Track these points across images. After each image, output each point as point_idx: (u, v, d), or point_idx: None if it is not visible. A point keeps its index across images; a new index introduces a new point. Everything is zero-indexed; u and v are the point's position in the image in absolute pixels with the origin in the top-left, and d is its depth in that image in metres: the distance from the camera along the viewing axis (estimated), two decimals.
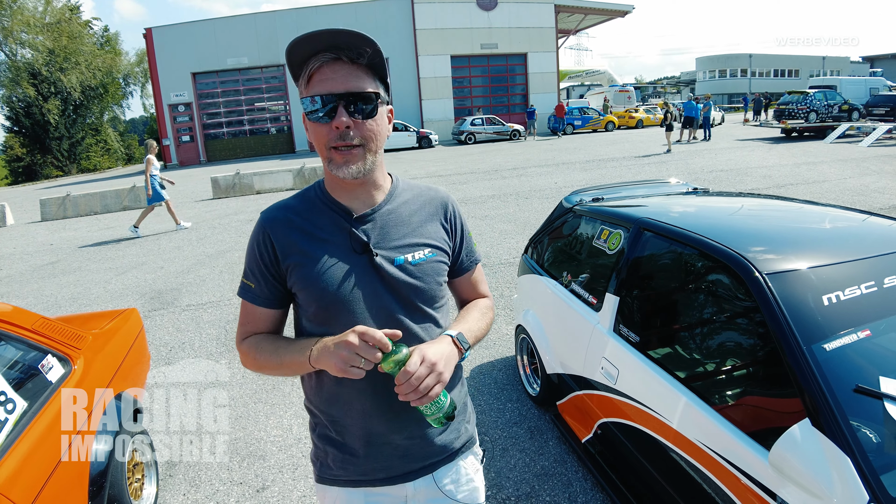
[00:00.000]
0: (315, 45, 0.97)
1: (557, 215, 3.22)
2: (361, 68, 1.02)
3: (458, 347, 1.09)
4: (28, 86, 31.84)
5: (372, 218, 1.11)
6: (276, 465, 2.82)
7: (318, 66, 1.00)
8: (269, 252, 1.10)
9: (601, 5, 31.58)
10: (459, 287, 1.29)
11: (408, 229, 1.13)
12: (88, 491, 1.94)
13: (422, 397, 0.97)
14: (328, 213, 1.11)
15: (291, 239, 1.09)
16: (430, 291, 1.14)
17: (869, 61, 51.56)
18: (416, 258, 1.11)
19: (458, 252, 1.24)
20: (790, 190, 9.12)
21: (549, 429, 2.96)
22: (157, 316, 5.24)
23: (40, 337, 2.11)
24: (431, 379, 0.98)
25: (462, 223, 1.24)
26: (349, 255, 1.08)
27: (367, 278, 1.08)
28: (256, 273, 1.12)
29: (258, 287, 1.12)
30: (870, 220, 2.08)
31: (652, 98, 51.84)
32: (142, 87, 41.39)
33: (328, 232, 1.09)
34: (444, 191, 1.25)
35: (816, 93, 20.09)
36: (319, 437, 1.19)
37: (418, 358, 0.98)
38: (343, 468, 1.15)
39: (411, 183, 1.22)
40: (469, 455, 1.25)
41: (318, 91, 0.99)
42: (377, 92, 1.03)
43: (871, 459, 1.25)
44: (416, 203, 1.18)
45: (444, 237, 1.19)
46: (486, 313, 1.26)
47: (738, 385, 1.78)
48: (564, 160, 15.55)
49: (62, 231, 11.08)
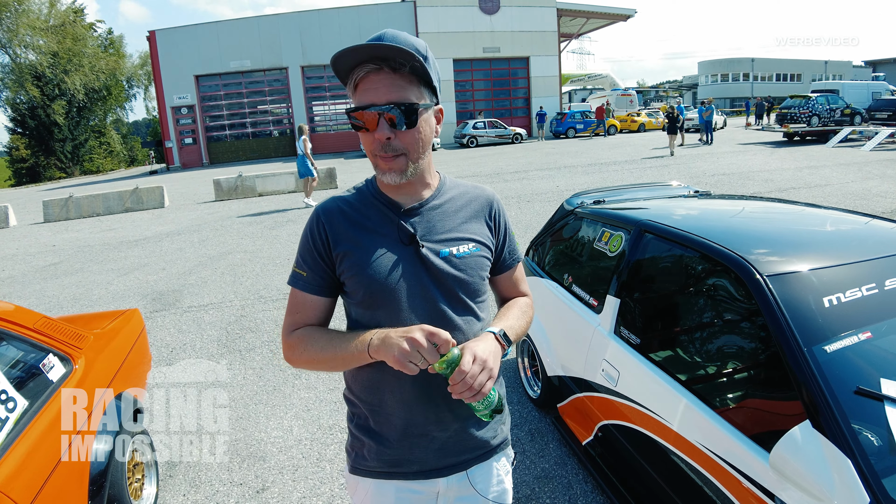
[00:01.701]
0: (358, 57, 1.01)
1: (559, 217, 3.22)
2: (405, 77, 1.04)
3: (501, 344, 1.11)
4: (33, 87, 31.99)
5: (419, 212, 1.15)
6: (276, 467, 2.81)
7: (363, 76, 1.04)
8: (322, 240, 1.14)
9: (603, 9, 31.64)
10: (500, 284, 1.32)
11: (453, 224, 1.17)
12: (88, 490, 1.94)
13: (476, 394, 1.00)
14: (378, 206, 1.16)
15: (343, 228, 1.14)
16: (474, 284, 1.17)
17: (871, 65, 51.54)
18: (460, 251, 1.15)
19: (501, 249, 1.27)
20: (792, 194, 9.10)
21: (549, 431, 2.95)
22: (159, 317, 5.25)
23: (42, 336, 2.11)
24: (484, 376, 1.01)
25: (506, 222, 1.28)
26: (396, 245, 1.12)
27: (412, 268, 1.11)
28: (308, 261, 1.16)
29: (310, 275, 1.16)
30: (871, 223, 2.08)
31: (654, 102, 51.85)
32: (145, 89, 41.66)
33: (377, 223, 1.14)
34: (490, 190, 1.28)
35: (819, 97, 20.10)
36: (357, 427, 1.21)
37: (470, 356, 1.00)
38: (378, 458, 1.17)
39: (458, 182, 1.26)
40: (502, 457, 1.27)
41: (362, 101, 1.04)
42: (417, 102, 1.05)
43: (873, 462, 1.25)
44: (461, 200, 1.22)
45: (488, 234, 1.22)
46: (526, 311, 1.29)
47: (738, 387, 1.78)
48: (566, 164, 15.55)
49: (65, 232, 11.11)
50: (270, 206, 12.11)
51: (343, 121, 29.94)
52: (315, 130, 29.75)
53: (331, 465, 2.81)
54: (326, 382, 3.69)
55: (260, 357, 4.17)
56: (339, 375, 3.76)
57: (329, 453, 2.90)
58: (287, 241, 8.24)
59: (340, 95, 29.15)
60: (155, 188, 13.83)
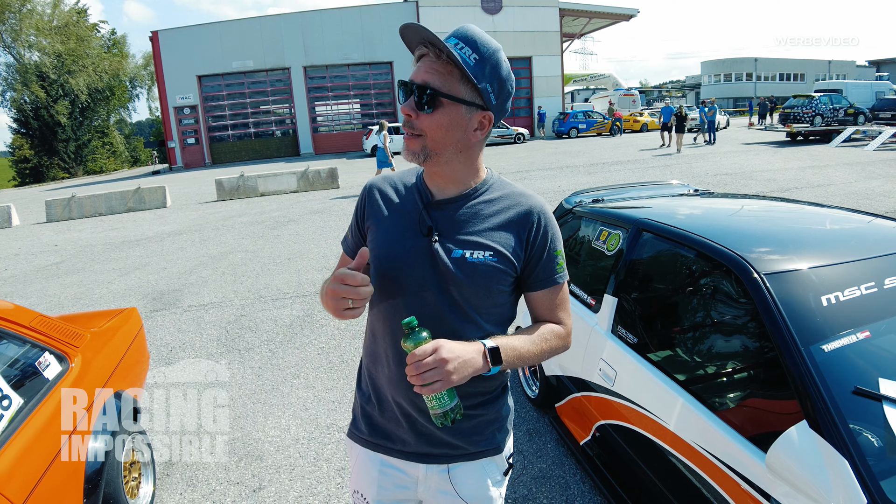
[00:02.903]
0: (411, 36, 1.07)
1: (557, 216, 3.21)
2: (446, 65, 1.05)
3: (486, 360, 1.03)
4: (37, 88, 32.11)
5: (448, 206, 1.14)
6: (273, 466, 2.81)
7: (420, 54, 1.09)
8: (361, 210, 1.23)
9: (606, 9, 31.59)
10: (533, 303, 1.20)
11: (478, 227, 1.12)
12: (84, 489, 1.94)
13: (422, 386, 0.98)
14: (414, 191, 1.19)
15: (378, 204, 1.19)
16: (480, 293, 1.10)
17: (875, 65, 51.32)
18: (474, 256, 1.10)
19: (533, 265, 1.15)
20: (795, 193, 9.06)
21: (547, 431, 2.94)
22: (159, 316, 5.26)
23: (38, 334, 2.11)
24: (435, 373, 0.95)
25: (549, 238, 1.15)
26: (415, 233, 1.13)
27: (421, 259, 1.11)
28: (352, 226, 1.27)
29: (350, 239, 1.27)
30: (872, 222, 2.06)
31: (657, 102, 51.72)
32: (148, 89, 41.74)
33: (408, 207, 1.17)
34: (539, 201, 1.17)
35: (822, 96, 20.03)
36: (359, 392, 1.28)
37: (431, 347, 0.97)
38: (369, 428, 1.22)
39: (508, 185, 1.18)
40: (492, 462, 1.21)
41: (409, 76, 1.10)
42: (440, 89, 1.04)
43: (870, 463, 1.23)
44: (499, 204, 1.14)
45: (515, 246, 1.12)
46: (548, 339, 1.15)
47: (735, 387, 1.76)
48: (568, 163, 15.53)
49: (67, 232, 11.14)
50: (272, 206, 12.12)
51: (345, 121, 29.99)
52: (318, 131, 29.77)
53: (328, 464, 2.80)
54: (325, 382, 3.69)
55: (259, 356, 4.17)
56: (336, 375, 3.76)
57: (326, 452, 2.90)
58: (288, 241, 8.25)
59: (342, 96, 29.20)
60: (157, 188, 13.86)
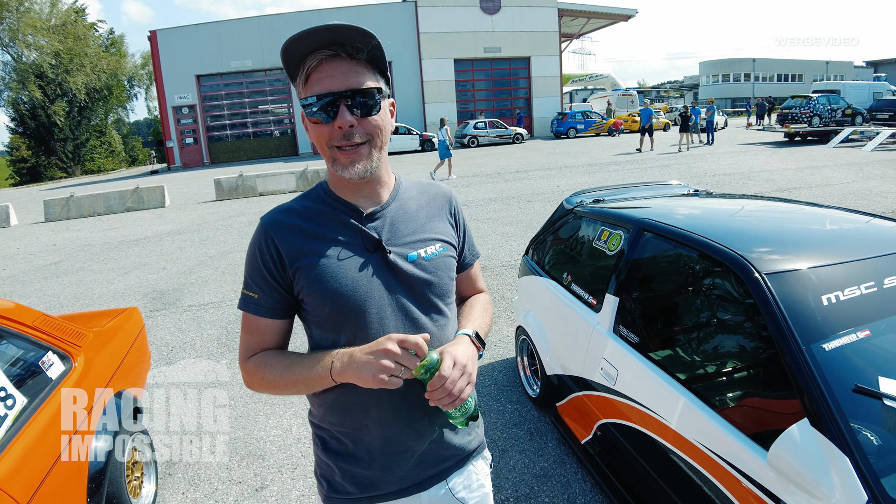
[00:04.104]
0: (312, 43, 0.95)
1: (558, 217, 3.22)
2: (361, 63, 0.99)
3: (477, 346, 1.09)
4: (35, 87, 32.03)
5: (381, 215, 1.09)
6: (275, 465, 2.81)
7: (315, 64, 0.97)
8: (273, 257, 1.04)
9: (604, 9, 31.61)
10: (462, 282, 1.28)
11: (417, 225, 1.12)
12: (87, 488, 1.94)
13: (454, 400, 0.96)
14: (335, 212, 1.07)
15: (298, 241, 1.04)
16: (444, 286, 1.12)
17: (872, 66, 51.47)
18: (428, 253, 1.09)
19: (462, 247, 1.23)
20: (793, 194, 9.09)
21: (548, 430, 2.95)
22: (159, 316, 5.26)
23: (41, 334, 2.12)
24: (464, 381, 0.97)
25: (463, 219, 1.24)
26: (361, 253, 1.05)
27: (380, 276, 1.04)
28: (259, 282, 1.06)
29: (262, 297, 1.06)
30: (870, 222, 2.08)
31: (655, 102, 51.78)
32: (146, 89, 41.63)
33: (337, 231, 1.06)
34: (447, 187, 1.25)
35: (820, 97, 20.08)
36: (327, 452, 1.12)
37: (451, 361, 0.96)
38: (355, 483, 1.10)
39: (414, 180, 1.22)
40: (479, 459, 1.23)
41: (318, 90, 0.96)
42: (379, 87, 1.01)
43: (871, 461, 1.24)
44: (421, 199, 1.16)
45: (451, 232, 1.18)
46: (488, 308, 1.27)
47: (737, 386, 1.77)
48: (567, 164, 15.54)
49: (65, 232, 11.12)
50: (271, 206, 12.05)
51: None
52: None
53: None
54: None
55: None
56: None
57: None
58: None
59: None
60: (156, 188, 13.84)
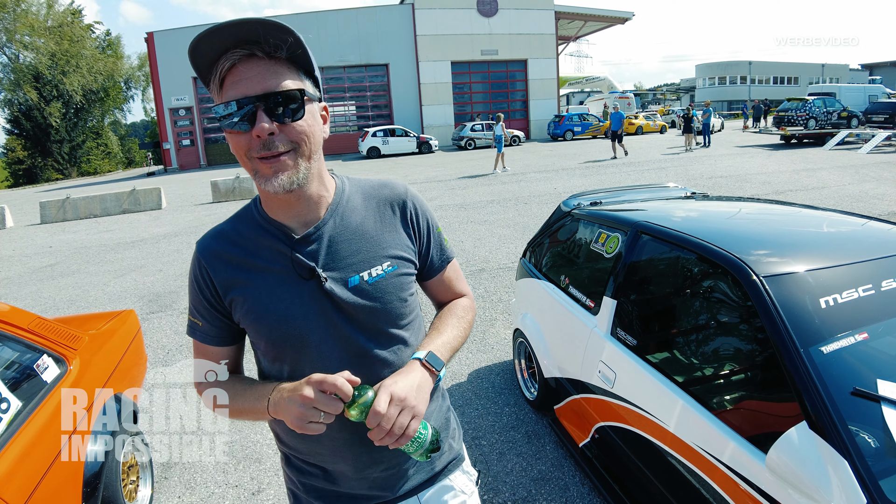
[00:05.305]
0: (223, 42, 0.84)
1: (555, 219, 3.22)
2: (281, 63, 0.88)
3: (430, 369, 0.97)
4: (30, 89, 31.94)
5: (317, 236, 0.97)
6: (271, 469, 2.80)
7: (229, 67, 0.86)
8: (209, 287, 0.99)
9: (601, 12, 31.72)
10: (434, 289, 1.17)
11: (361, 242, 1.00)
12: (82, 492, 1.93)
13: (398, 439, 0.88)
14: (266, 236, 0.98)
15: (230, 271, 0.97)
16: (394, 311, 1.01)
17: (868, 69, 51.78)
18: (373, 275, 0.98)
19: (427, 253, 1.10)
20: (789, 196, 9.12)
21: (546, 433, 2.94)
22: (155, 318, 5.23)
23: (36, 337, 2.10)
24: (405, 417, 0.88)
25: (427, 219, 1.10)
26: (295, 282, 0.96)
27: (317, 306, 0.96)
28: (201, 310, 1.01)
29: (205, 324, 1.02)
30: (868, 224, 2.08)
31: (652, 105, 51.96)
32: (143, 90, 41.60)
33: (268, 259, 0.97)
34: (402, 185, 1.09)
35: (816, 100, 20.20)
36: (291, 468, 1.10)
37: (386, 397, 0.87)
38: (319, 499, 1.07)
39: (361, 183, 1.08)
40: (457, 471, 1.16)
41: (233, 95, 0.86)
42: (302, 88, 0.90)
43: (870, 463, 1.24)
44: (368, 208, 1.03)
45: (407, 242, 1.05)
46: (465, 315, 1.15)
47: (735, 388, 1.77)
48: (564, 166, 15.57)
49: (61, 233, 11.08)
50: None
51: (341, 123, 29.93)
52: None
53: None
54: None
55: None
56: None
57: None
58: None
59: (338, 98, 29.14)
60: (152, 190, 13.80)
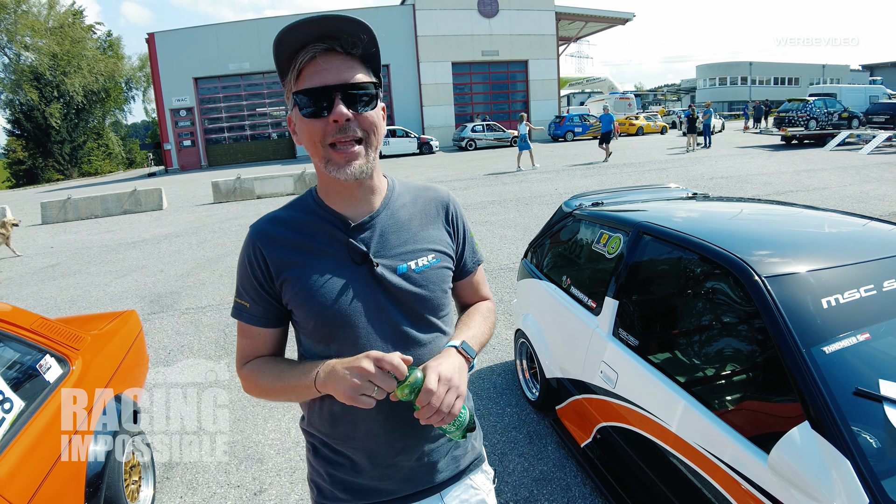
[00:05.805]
0: (306, 35, 0.91)
1: (557, 219, 3.22)
2: (356, 59, 0.96)
3: (466, 357, 1.04)
4: (31, 89, 31.97)
5: (371, 225, 1.04)
6: (273, 469, 2.80)
7: (309, 59, 0.92)
8: (261, 268, 1.03)
9: (602, 13, 31.75)
10: (461, 291, 1.24)
11: (409, 234, 1.07)
12: (85, 492, 1.94)
13: (445, 417, 0.93)
14: (322, 223, 1.04)
15: (284, 252, 1.02)
16: (436, 300, 1.08)
17: (868, 69, 51.76)
18: (419, 265, 1.05)
19: (462, 254, 1.17)
20: (790, 197, 9.12)
21: (548, 433, 2.94)
22: (157, 319, 5.24)
23: (39, 337, 2.11)
24: (451, 395, 0.94)
25: (464, 223, 1.18)
26: (348, 266, 1.02)
27: (368, 290, 1.02)
28: (250, 291, 1.05)
29: (253, 306, 1.06)
30: (869, 225, 2.08)
31: (652, 105, 51.97)
32: (144, 91, 41.68)
33: (324, 242, 1.03)
34: (445, 190, 1.18)
35: (816, 100, 20.18)
36: (318, 459, 1.12)
37: (435, 377, 0.92)
38: (345, 490, 1.09)
39: (409, 184, 1.16)
40: (478, 471, 1.20)
41: (312, 84, 0.92)
42: (374, 82, 0.97)
43: (872, 463, 1.25)
44: (416, 205, 1.11)
45: (448, 240, 1.13)
46: (489, 317, 1.22)
47: (737, 388, 1.78)
48: (564, 166, 15.57)
49: (63, 234, 11.09)
50: (269, 209, 12.05)
51: None
52: None
53: None
54: None
55: None
56: None
57: None
58: None
59: None
60: (153, 190, 13.82)
